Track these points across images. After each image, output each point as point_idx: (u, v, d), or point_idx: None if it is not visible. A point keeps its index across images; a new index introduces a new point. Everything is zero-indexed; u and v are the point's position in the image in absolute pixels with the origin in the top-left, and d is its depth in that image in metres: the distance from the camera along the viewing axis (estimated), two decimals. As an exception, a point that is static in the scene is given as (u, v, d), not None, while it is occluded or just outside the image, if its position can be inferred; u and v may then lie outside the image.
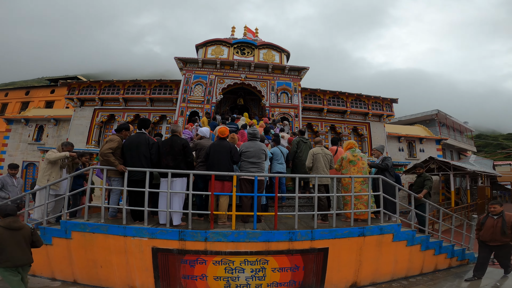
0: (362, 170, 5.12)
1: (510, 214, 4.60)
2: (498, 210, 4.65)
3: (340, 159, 5.19)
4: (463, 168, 14.20)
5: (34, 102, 21.32)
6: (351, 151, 5.23)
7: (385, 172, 5.41)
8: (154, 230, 4.15)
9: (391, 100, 15.96)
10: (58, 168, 4.95)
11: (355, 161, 5.11)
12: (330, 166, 5.31)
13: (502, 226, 4.48)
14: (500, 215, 4.63)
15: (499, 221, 4.57)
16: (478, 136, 41.60)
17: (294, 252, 4.29)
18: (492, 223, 4.65)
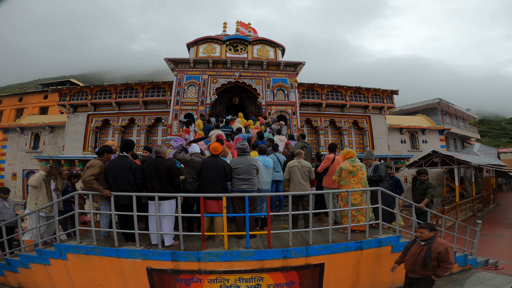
0: (362, 180, 4.91)
1: (441, 243, 3.63)
2: (426, 236, 3.71)
3: (339, 170, 4.94)
4: (467, 162, 13.96)
5: (28, 109, 21.24)
6: (351, 161, 4.97)
7: (380, 183, 5.24)
8: (147, 252, 4.11)
9: (392, 91, 15.65)
10: (44, 191, 4.90)
11: (355, 171, 4.89)
12: (309, 178, 5.31)
13: (424, 256, 3.58)
14: (427, 242, 3.71)
15: (424, 249, 3.66)
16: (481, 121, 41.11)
17: (289, 269, 4.20)
18: (415, 251, 3.77)
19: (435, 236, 3.76)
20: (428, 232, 3.76)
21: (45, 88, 23.05)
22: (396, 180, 6.13)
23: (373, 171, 5.44)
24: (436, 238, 3.73)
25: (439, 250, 3.56)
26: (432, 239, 3.71)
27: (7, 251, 5.05)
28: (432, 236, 3.74)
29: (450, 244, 3.71)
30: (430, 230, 3.79)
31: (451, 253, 3.60)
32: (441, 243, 3.64)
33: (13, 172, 16.77)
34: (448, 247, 3.60)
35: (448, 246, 3.63)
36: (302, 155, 5.55)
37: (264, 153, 5.40)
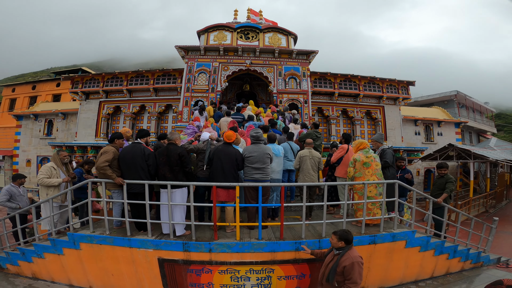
0: (377, 172, 4.75)
1: (350, 256, 3.12)
2: (335, 244, 3.27)
3: (353, 161, 4.80)
4: (485, 157, 13.49)
5: (41, 96, 21.52)
6: (364, 152, 4.80)
7: (386, 170, 5.00)
8: (158, 242, 4.12)
9: (408, 82, 15.09)
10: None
11: (369, 162, 4.73)
12: (318, 168, 5.27)
13: (330, 270, 3.20)
14: (339, 252, 3.25)
15: (334, 260, 3.23)
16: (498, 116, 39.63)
17: (300, 261, 4.17)
18: (327, 260, 3.36)
19: (348, 248, 3.22)
20: (337, 240, 3.26)
21: (58, 76, 23.30)
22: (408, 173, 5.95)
23: (380, 156, 5.15)
24: (348, 250, 3.20)
25: (345, 265, 3.08)
26: (343, 250, 3.21)
27: (21, 241, 4.99)
28: (344, 246, 3.23)
29: (361, 260, 3.13)
30: (339, 239, 3.24)
31: (357, 270, 3.05)
32: (350, 256, 3.12)
33: (27, 159, 17.19)
34: (355, 263, 3.06)
35: (356, 261, 3.08)
36: (312, 145, 5.47)
37: (273, 142, 5.28)
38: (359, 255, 3.18)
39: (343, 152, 5.39)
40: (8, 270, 5.03)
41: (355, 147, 5.00)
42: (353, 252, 3.21)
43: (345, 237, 3.24)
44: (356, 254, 3.19)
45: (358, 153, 4.85)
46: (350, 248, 3.24)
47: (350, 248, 3.24)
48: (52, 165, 4.89)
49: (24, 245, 5.03)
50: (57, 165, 4.93)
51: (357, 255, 3.18)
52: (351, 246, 3.28)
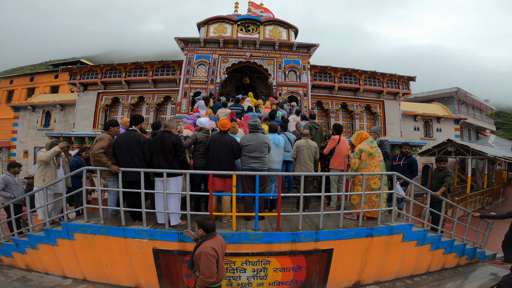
0: (380, 164, 4.66)
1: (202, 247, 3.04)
2: (198, 233, 3.24)
3: (359, 152, 4.65)
4: (483, 153, 13.46)
5: (39, 88, 21.37)
6: (369, 142, 4.69)
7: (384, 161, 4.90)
8: (153, 232, 4.05)
9: (408, 78, 15.00)
10: (52, 167, 4.80)
11: (374, 153, 4.63)
12: (315, 158, 5.23)
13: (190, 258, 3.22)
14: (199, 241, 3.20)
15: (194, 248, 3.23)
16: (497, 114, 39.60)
17: (297, 253, 4.14)
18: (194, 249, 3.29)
19: (207, 237, 3.10)
20: (197, 227, 3.16)
21: (56, 68, 23.10)
22: (412, 161, 5.69)
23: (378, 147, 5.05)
24: (206, 239, 3.09)
25: (196, 254, 3.01)
26: (202, 239, 3.12)
27: (15, 231, 4.90)
28: (204, 235, 3.12)
29: (210, 252, 2.95)
30: (199, 227, 3.14)
31: (204, 261, 2.93)
32: (202, 246, 3.00)
33: (24, 150, 17.11)
34: (202, 253, 2.93)
35: (203, 252, 2.93)
36: (309, 136, 5.42)
37: (275, 132, 5.23)
38: (211, 247, 2.99)
39: (335, 143, 5.33)
40: (2, 262, 4.93)
41: (358, 139, 4.87)
42: (208, 242, 3.05)
43: (203, 225, 3.13)
44: (208, 245, 3.01)
45: (363, 143, 4.71)
46: (208, 237, 3.11)
47: (208, 238, 3.11)
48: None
49: (18, 236, 4.94)
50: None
51: (209, 246, 3.00)
52: (210, 235, 3.14)
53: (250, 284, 4.13)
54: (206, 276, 2.90)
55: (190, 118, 6.80)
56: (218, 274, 3.03)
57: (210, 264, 2.91)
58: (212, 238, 3.11)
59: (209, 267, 2.91)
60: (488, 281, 4.59)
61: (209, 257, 2.91)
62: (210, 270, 2.91)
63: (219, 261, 3.04)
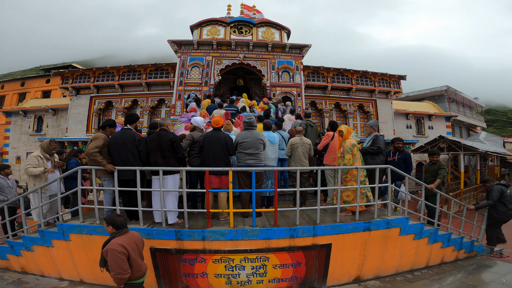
0: (361, 157, 4.77)
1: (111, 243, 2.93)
2: (107, 230, 3.16)
3: (352, 147, 4.65)
4: (474, 148, 13.70)
5: (31, 93, 21.12)
6: (355, 136, 4.85)
7: (376, 156, 4.90)
8: (150, 231, 4.01)
9: (399, 77, 15.28)
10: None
11: (359, 147, 4.77)
12: (309, 155, 5.27)
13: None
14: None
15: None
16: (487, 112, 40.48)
17: (295, 249, 4.12)
18: None
19: (117, 233, 3.03)
20: (106, 225, 3.11)
21: (47, 73, 22.83)
22: (406, 155, 5.64)
23: (372, 142, 5.02)
24: (116, 236, 3.00)
25: (103, 251, 2.93)
26: (111, 236, 3.03)
27: (10, 233, 4.82)
28: (115, 232, 3.05)
29: (117, 248, 2.86)
30: (107, 224, 3.07)
31: (111, 258, 2.84)
32: (110, 243, 2.92)
33: (17, 156, 16.82)
34: (109, 250, 2.85)
35: (111, 248, 2.85)
36: (303, 132, 5.47)
37: (269, 129, 5.26)
38: (119, 243, 2.90)
39: (328, 139, 5.37)
40: (-3, 265, 4.84)
41: (347, 134, 4.81)
42: (116, 239, 2.98)
43: (112, 221, 3.08)
44: (116, 241, 2.93)
45: (352, 139, 4.75)
46: (118, 234, 3.03)
47: (118, 234, 3.03)
48: (38, 154, 4.74)
49: (12, 238, 4.86)
50: (43, 154, 4.78)
51: (117, 242, 2.92)
52: (120, 232, 3.06)
53: (250, 281, 4.10)
54: (116, 273, 2.85)
55: (184, 116, 6.79)
56: (134, 270, 2.97)
57: (118, 260, 2.84)
58: (122, 234, 3.06)
59: (117, 263, 2.85)
60: (488, 274, 4.61)
61: (116, 254, 2.85)
62: (119, 266, 2.85)
63: (131, 258, 2.96)
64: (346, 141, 4.72)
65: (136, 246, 3.12)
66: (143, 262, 3.20)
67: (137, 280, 3.06)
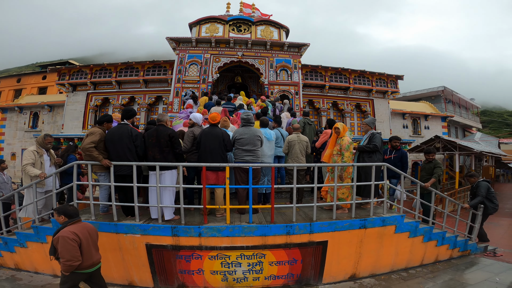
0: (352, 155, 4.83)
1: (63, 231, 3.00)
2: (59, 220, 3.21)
3: (350, 145, 4.69)
4: (469, 148, 13.82)
5: (26, 89, 20.95)
6: (349, 134, 4.84)
7: (373, 154, 4.82)
8: (146, 227, 3.99)
9: (396, 76, 15.39)
10: (39, 165, 4.65)
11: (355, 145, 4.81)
12: (306, 152, 5.29)
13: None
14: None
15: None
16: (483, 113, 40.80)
17: (292, 246, 4.14)
18: None
19: (69, 222, 3.09)
20: (57, 216, 3.15)
21: (44, 69, 22.65)
22: (403, 154, 5.61)
23: (368, 140, 4.93)
24: (67, 225, 3.07)
25: (54, 238, 2.99)
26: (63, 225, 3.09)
27: (4, 230, 4.77)
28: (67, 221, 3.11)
29: (69, 235, 2.92)
30: (59, 214, 3.13)
31: (62, 245, 2.89)
32: (62, 231, 2.98)
33: (12, 152, 16.66)
34: (61, 237, 2.91)
35: (62, 236, 2.92)
36: (300, 130, 5.49)
37: (266, 126, 5.25)
38: (70, 231, 2.97)
39: (327, 137, 5.39)
40: (-9, 262, 4.80)
41: (343, 131, 4.80)
42: (68, 227, 3.03)
43: (64, 211, 3.14)
44: (68, 230, 3.00)
45: (348, 137, 4.76)
46: (70, 223, 3.09)
47: (70, 223, 3.09)
48: (34, 149, 4.69)
49: (7, 234, 4.82)
50: (39, 150, 4.73)
51: (69, 230, 2.99)
52: (72, 221, 3.12)
53: (246, 278, 4.10)
54: (66, 259, 2.88)
55: (183, 112, 6.78)
56: (85, 258, 3.01)
57: (69, 247, 2.89)
58: (74, 223, 3.11)
59: (68, 250, 2.89)
60: (482, 273, 4.64)
61: (68, 240, 2.90)
62: (69, 253, 2.89)
63: (82, 246, 3.01)
64: (343, 139, 4.72)
65: (89, 235, 3.16)
66: (96, 253, 3.27)
67: (86, 269, 3.09)
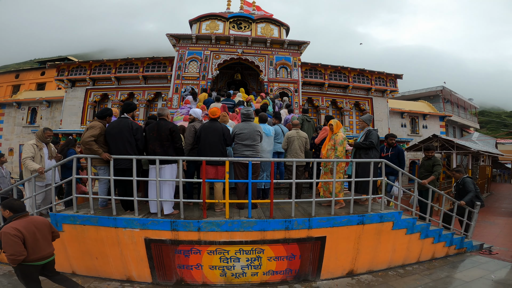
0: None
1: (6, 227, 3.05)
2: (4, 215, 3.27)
3: (343, 140, 4.75)
4: (466, 147, 13.91)
5: (25, 85, 20.92)
6: (343, 130, 4.91)
7: (370, 151, 4.83)
8: (145, 221, 3.98)
9: (396, 75, 15.44)
10: (38, 159, 4.65)
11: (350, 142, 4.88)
12: (305, 148, 5.35)
13: None
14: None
15: None
16: (481, 113, 41.00)
17: (290, 241, 4.14)
18: None
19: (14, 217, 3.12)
20: (2, 210, 3.19)
21: (42, 65, 22.55)
22: (399, 151, 5.65)
23: (365, 137, 4.94)
24: (12, 220, 3.10)
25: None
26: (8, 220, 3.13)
27: (2, 225, 4.71)
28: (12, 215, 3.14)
29: (11, 231, 2.96)
30: (4, 208, 3.16)
31: (4, 240, 2.96)
32: (5, 227, 3.03)
33: (10, 148, 16.63)
34: (2, 233, 2.97)
35: (4, 232, 2.97)
36: (299, 126, 5.53)
37: (265, 122, 5.25)
38: (13, 227, 3.00)
39: (326, 133, 5.41)
40: (-11, 257, 4.74)
41: (337, 127, 4.86)
42: (12, 223, 3.07)
43: (9, 205, 3.17)
44: (11, 225, 3.03)
45: (341, 133, 4.83)
46: (15, 218, 3.12)
47: (16, 218, 3.11)
48: (34, 143, 4.69)
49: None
50: (38, 143, 4.73)
51: (11, 226, 3.02)
52: (18, 215, 3.14)
53: (245, 273, 4.11)
54: (9, 254, 2.96)
55: (184, 108, 6.79)
56: (30, 252, 3.06)
57: (10, 242, 2.94)
58: (20, 218, 3.13)
59: (10, 245, 2.95)
60: (478, 271, 4.69)
61: (9, 236, 2.94)
62: (12, 248, 2.95)
63: (27, 241, 3.04)
64: (338, 134, 4.79)
65: (36, 229, 3.17)
66: (48, 246, 3.31)
67: (36, 262, 3.14)
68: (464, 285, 4.17)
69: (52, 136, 5.07)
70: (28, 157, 4.51)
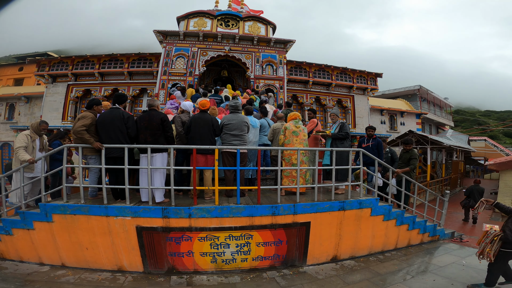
0: (303, 142, 5.14)
1: None
2: None
3: (284, 130, 5.13)
4: (440, 142, 14.73)
5: (2, 81, 20.06)
6: (295, 122, 5.19)
7: (345, 141, 5.26)
8: (137, 209, 4.02)
9: (376, 74, 16.09)
10: (30, 150, 4.63)
11: (298, 132, 5.10)
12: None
13: None
14: None
15: None
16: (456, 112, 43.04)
17: (277, 227, 4.34)
18: None
19: None
20: None
21: (20, 60, 21.64)
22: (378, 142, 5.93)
23: (339, 128, 5.41)
24: None
25: None
26: None
27: None
28: None
29: None
30: None
31: None
32: None
33: (-13, 144, 15.91)
34: None
35: None
36: (284, 118, 5.74)
37: (250, 114, 5.50)
38: None
39: (314, 125, 5.72)
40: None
41: (289, 118, 5.31)
42: None
43: None
44: None
45: (289, 123, 5.19)
46: None
47: None
48: (28, 133, 4.67)
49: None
50: (32, 135, 4.72)
51: None
52: None
53: (235, 260, 4.25)
54: None
55: (173, 103, 6.88)
56: None
57: None
58: None
59: None
60: (450, 257, 5.06)
61: None
62: None
63: None
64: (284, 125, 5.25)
65: None
66: None
67: None
68: (438, 269, 4.49)
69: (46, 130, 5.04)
70: (21, 147, 4.48)
